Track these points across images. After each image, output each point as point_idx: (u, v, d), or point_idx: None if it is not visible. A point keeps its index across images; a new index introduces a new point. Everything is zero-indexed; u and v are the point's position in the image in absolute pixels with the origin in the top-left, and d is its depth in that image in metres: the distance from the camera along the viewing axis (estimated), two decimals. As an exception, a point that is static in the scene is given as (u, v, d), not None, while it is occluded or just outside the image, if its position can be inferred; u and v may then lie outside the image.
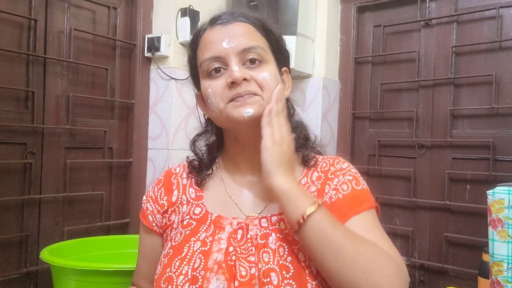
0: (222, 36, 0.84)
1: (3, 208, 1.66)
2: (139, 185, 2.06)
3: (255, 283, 0.78)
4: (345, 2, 2.35)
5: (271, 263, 0.79)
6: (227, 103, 0.83)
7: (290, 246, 0.81)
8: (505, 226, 1.20)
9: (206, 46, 0.85)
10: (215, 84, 0.84)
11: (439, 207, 2.05)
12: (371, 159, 2.27)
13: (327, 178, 0.88)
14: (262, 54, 0.84)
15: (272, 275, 0.78)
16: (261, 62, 0.84)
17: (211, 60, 0.84)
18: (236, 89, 0.81)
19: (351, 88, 2.33)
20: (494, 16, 1.92)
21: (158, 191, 0.95)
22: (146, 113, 2.08)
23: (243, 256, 0.81)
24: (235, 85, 0.81)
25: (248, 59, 0.83)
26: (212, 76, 0.85)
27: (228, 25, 0.85)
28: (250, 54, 0.83)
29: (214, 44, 0.84)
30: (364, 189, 0.87)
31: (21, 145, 1.71)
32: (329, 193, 0.86)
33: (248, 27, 0.85)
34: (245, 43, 0.83)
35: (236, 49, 0.83)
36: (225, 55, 0.83)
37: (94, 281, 1.38)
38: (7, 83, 1.67)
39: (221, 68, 0.84)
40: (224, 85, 0.83)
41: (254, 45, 0.84)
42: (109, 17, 2.00)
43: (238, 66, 0.82)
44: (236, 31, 0.84)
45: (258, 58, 0.84)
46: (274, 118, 0.81)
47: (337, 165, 0.90)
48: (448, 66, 2.05)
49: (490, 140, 1.90)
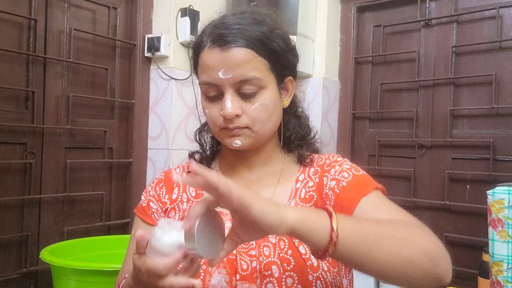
0: (218, 63, 0.82)
1: (3, 208, 1.66)
2: (139, 185, 2.06)
3: (257, 276, 0.79)
4: (345, 2, 2.35)
5: (271, 256, 0.80)
6: (220, 129, 0.87)
7: (291, 240, 0.82)
8: (505, 226, 1.20)
9: (204, 68, 0.85)
10: (211, 109, 0.87)
11: (439, 207, 2.05)
12: (371, 159, 2.27)
13: (324, 170, 0.90)
14: (259, 83, 0.84)
15: (273, 268, 0.79)
16: (257, 91, 0.84)
17: (208, 86, 0.86)
18: (227, 123, 0.85)
19: (351, 88, 2.33)
20: (494, 16, 1.92)
21: (159, 190, 0.96)
22: (146, 113, 2.08)
23: (244, 251, 0.82)
24: (227, 119, 0.84)
25: (242, 92, 0.84)
26: (209, 99, 0.87)
27: (227, 51, 0.82)
28: (246, 86, 0.83)
29: (211, 71, 0.84)
30: (365, 174, 0.90)
31: (21, 145, 1.71)
32: (328, 184, 0.87)
33: (247, 52, 0.82)
34: (241, 75, 0.82)
35: (232, 80, 0.83)
36: (220, 85, 0.84)
37: (94, 281, 1.39)
38: (7, 83, 1.67)
39: (218, 95, 0.85)
40: (218, 113, 0.85)
41: (250, 77, 0.82)
42: (109, 17, 2.00)
43: (232, 99, 0.83)
44: (233, 60, 0.82)
45: (254, 89, 0.84)
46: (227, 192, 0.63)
47: (332, 158, 0.93)
48: (448, 66, 2.05)
49: (490, 140, 1.90)
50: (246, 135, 0.85)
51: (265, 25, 0.85)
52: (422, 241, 0.71)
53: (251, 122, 0.85)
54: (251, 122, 0.85)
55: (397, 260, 0.67)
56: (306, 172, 0.92)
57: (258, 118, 0.85)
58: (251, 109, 0.84)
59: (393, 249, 0.68)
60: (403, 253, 0.68)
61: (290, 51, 0.90)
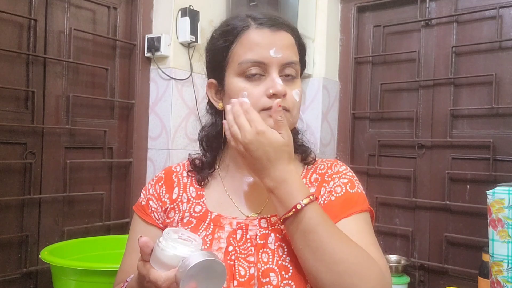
0: (270, 42, 0.83)
1: (3, 208, 1.66)
2: (139, 185, 2.06)
3: (254, 283, 0.78)
4: (345, 2, 2.35)
5: (270, 263, 0.79)
6: (260, 111, 0.82)
7: (289, 247, 0.81)
8: (505, 226, 1.20)
9: (251, 46, 0.83)
10: (253, 89, 0.83)
11: (439, 207, 2.05)
12: (371, 159, 2.27)
13: (324, 180, 0.88)
14: (297, 69, 0.86)
15: (271, 275, 0.78)
16: (294, 78, 0.86)
17: (253, 63, 0.83)
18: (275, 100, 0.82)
19: (351, 88, 2.33)
20: (494, 16, 1.92)
21: (159, 188, 0.94)
22: (146, 113, 2.08)
23: (242, 256, 0.81)
24: (275, 97, 0.81)
25: (286, 73, 0.84)
26: (250, 79, 0.83)
27: (277, 33, 0.84)
28: (289, 69, 0.84)
29: (261, 49, 0.83)
30: (358, 193, 0.87)
31: (21, 145, 1.71)
32: (324, 196, 0.86)
33: (291, 39, 0.86)
34: (290, 57, 0.84)
35: (281, 60, 0.83)
36: (268, 63, 0.82)
37: (94, 281, 1.39)
38: (7, 83, 1.67)
39: (260, 75, 0.84)
40: (262, 93, 0.82)
41: (295, 61, 0.85)
42: (109, 17, 2.00)
43: (279, 79, 0.83)
44: (283, 41, 0.84)
45: (294, 74, 0.85)
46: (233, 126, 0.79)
47: (334, 168, 0.91)
48: (448, 66, 2.05)
49: (490, 140, 1.90)
50: (286, 118, 0.82)
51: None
52: (354, 280, 0.70)
53: (291, 106, 0.84)
54: (291, 106, 0.84)
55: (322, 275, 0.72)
56: (308, 177, 0.90)
57: (296, 104, 0.85)
58: (294, 93, 0.84)
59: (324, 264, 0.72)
60: (329, 274, 0.71)
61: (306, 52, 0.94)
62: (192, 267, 0.64)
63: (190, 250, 0.67)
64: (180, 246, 0.67)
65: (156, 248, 0.67)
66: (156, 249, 0.67)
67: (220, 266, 0.67)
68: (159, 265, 0.67)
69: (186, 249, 0.67)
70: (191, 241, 0.69)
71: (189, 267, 0.64)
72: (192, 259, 0.64)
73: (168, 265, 0.66)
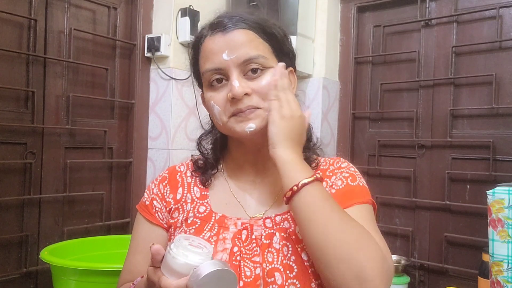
0: (222, 46, 0.82)
1: (3, 208, 1.66)
2: (139, 185, 2.06)
3: (260, 284, 0.78)
4: (345, 2, 2.35)
5: (275, 262, 0.80)
6: (229, 118, 0.83)
7: (294, 246, 0.81)
8: (505, 226, 1.20)
9: (207, 56, 0.84)
10: (217, 97, 0.83)
11: (439, 207, 2.05)
12: (371, 159, 2.27)
13: (325, 176, 0.89)
14: (264, 62, 0.83)
15: (276, 275, 0.78)
16: (263, 70, 0.83)
17: (212, 72, 0.83)
18: (237, 105, 0.81)
19: (351, 88, 2.33)
20: (494, 16, 1.92)
21: (163, 188, 0.94)
22: (146, 113, 2.08)
23: (248, 257, 0.81)
24: (236, 100, 0.81)
25: (249, 69, 0.82)
26: (214, 87, 0.84)
27: (228, 33, 0.82)
28: (251, 65, 0.82)
29: (215, 55, 0.82)
30: (360, 186, 0.87)
31: (21, 145, 1.71)
32: None
33: (248, 33, 0.83)
34: (246, 53, 0.82)
35: (237, 60, 0.81)
36: (225, 67, 0.82)
37: (94, 281, 1.39)
38: (7, 83, 1.67)
39: (223, 79, 0.83)
40: (225, 98, 0.82)
41: (255, 55, 0.82)
42: (109, 17, 2.00)
43: (239, 80, 0.81)
44: (236, 40, 0.82)
45: (260, 67, 0.83)
46: (281, 92, 0.81)
47: (336, 164, 0.91)
48: (448, 66, 2.05)
49: (490, 140, 1.90)
50: (259, 116, 0.81)
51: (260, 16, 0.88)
52: (359, 255, 0.70)
53: (263, 100, 0.82)
54: (263, 100, 0.82)
55: (329, 251, 0.71)
56: None
57: (269, 95, 0.82)
58: (261, 86, 0.82)
59: (331, 239, 0.71)
60: (337, 249, 0.71)
61: (287, 39, 0.91)
62: (204, 277, 0.63)
63: (201, 258, 0.67)
64: (191, 254, 0.67)
65: (167, 255, 0.67)
66: (167, 256, 0.67)
67: (231, 275, 0.67)
68: (170, 273, 0.67)
69: (197, 257, 0.67)
70: (202, 248, 0.69)
71: (200, 276, 0.63)
72: (204, 268, 0.64)
73: (179, 273, 0.66)
